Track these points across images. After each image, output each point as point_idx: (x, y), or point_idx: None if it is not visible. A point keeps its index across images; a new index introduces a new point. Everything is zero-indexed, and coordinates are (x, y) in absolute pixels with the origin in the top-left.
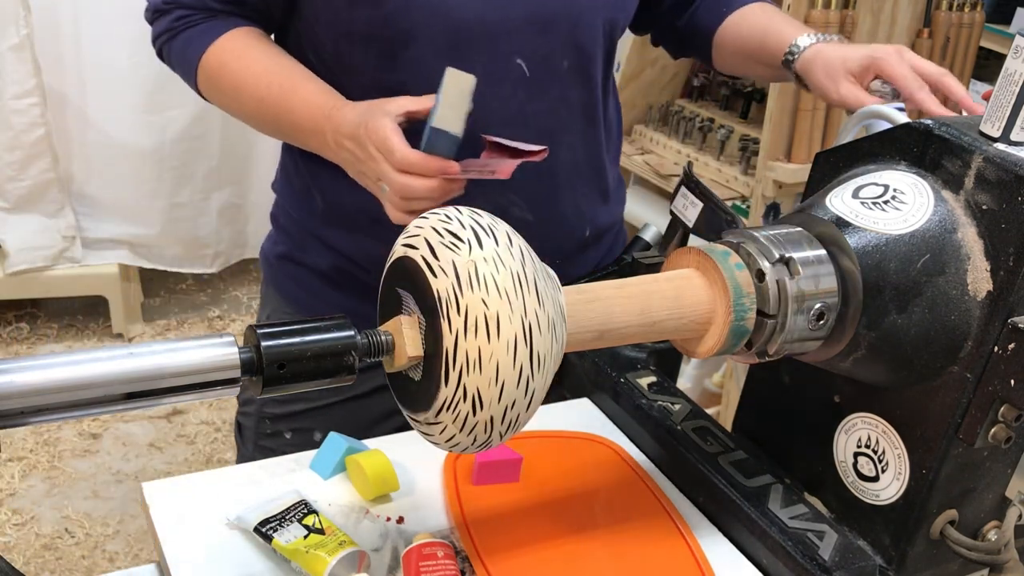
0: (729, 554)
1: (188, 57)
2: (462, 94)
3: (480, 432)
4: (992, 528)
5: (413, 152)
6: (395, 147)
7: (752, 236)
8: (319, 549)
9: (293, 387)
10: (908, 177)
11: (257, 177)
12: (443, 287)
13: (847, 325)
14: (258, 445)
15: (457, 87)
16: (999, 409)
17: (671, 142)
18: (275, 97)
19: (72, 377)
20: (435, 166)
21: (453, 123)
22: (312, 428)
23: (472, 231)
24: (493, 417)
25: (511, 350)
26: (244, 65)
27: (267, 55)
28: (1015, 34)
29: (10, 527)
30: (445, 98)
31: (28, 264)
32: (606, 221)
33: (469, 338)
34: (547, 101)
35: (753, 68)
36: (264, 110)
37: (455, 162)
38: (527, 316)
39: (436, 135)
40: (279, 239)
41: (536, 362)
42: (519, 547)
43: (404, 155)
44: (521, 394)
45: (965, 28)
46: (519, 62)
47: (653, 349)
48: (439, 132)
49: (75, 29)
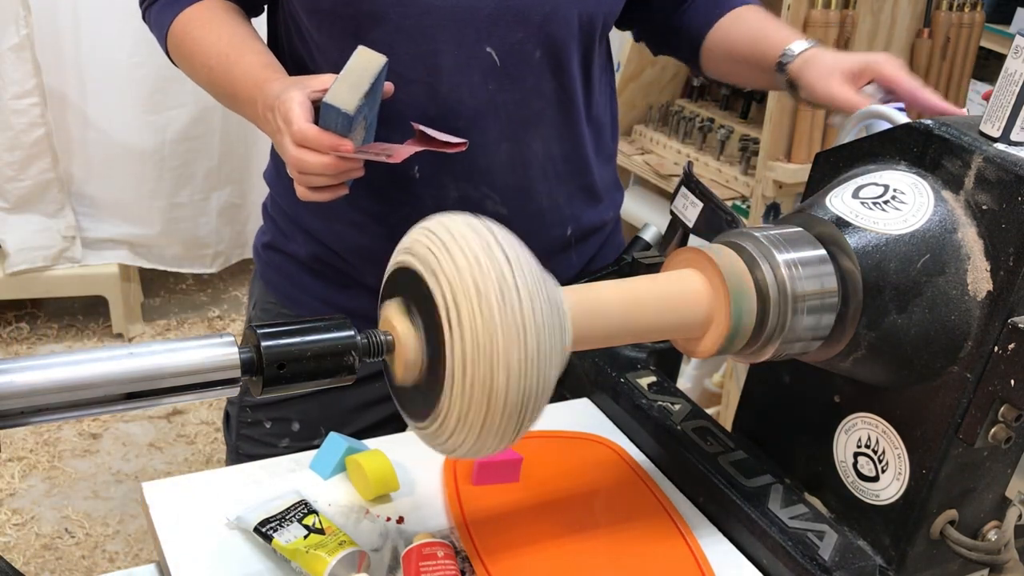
0: (729, 554)
1: (161, 23)
2: (365, 72)
3: (485, 439)
4: (992, 528)
5: (309, 126)
6: (294, 119)
7: (752, 236)
8: (319, 549)
9: (293, 387)
10: (908, 177)
11: (257, 177)
12: (443, 295)
13: (847, 325)
14: (240, 434)
15: (361, 66)
16: (999, 409)
17: (671, 142)
18: (222, 66)
19: (72, 377)
20: (327, 142)
21: (346, 100)
22: (289, 418)
23: (470, 236)
24: (497, 423)
25: (513, 355)
26: (203, 34)
27: (226, 26)
28: (1015, 34)
29: (10, 527)
30: (345, 75)
31: (28, 264)
32: (593, 221)
33: (469, 345)
34: (519, 91)
35: (742, 71)
36: (213, 78)
37: (348, 141)
38: (528, 321)
39: (326, 110)
40: (266, 228)
41: (539, 366)
42: (519, 547)
43: (300, 128)
44: (525, 398)
45: (965, 28)
46: (489, 50)
47: (653, 349)
48: (329, 107)
49: (75, 29)
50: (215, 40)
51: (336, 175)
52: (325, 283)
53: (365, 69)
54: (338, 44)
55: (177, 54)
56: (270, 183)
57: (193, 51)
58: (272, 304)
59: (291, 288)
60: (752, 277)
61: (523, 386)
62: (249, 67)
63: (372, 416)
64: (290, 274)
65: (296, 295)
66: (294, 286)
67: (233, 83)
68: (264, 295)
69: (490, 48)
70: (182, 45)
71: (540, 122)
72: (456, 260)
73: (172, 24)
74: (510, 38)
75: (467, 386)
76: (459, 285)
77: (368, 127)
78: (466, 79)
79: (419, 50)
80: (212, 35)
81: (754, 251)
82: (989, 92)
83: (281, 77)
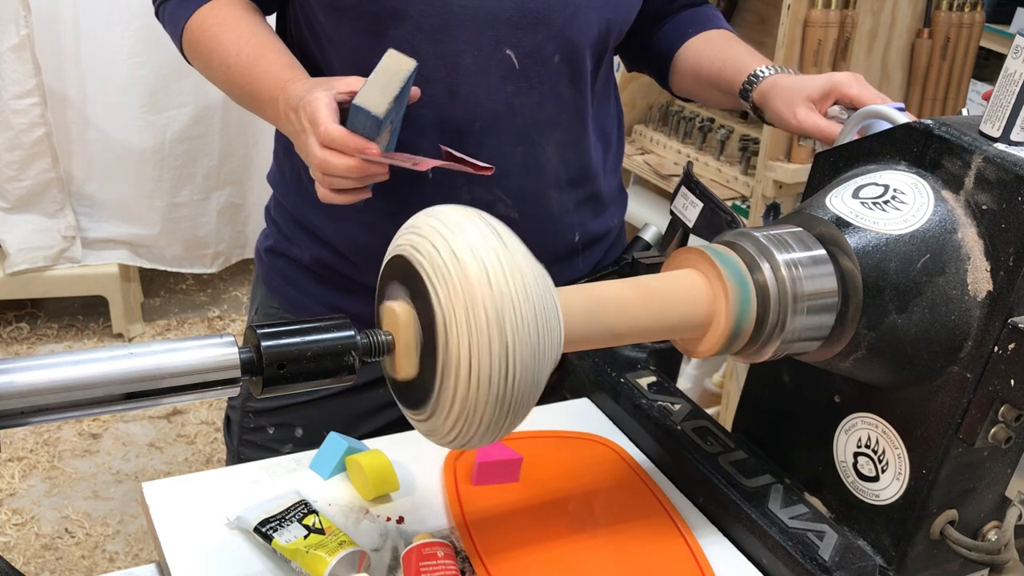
0: (729, 554)
1: (176, 19)
2: (395, 76)
3: (478, 429)
4: (992, 528)
5: (337, 128)
6: (321, 120)
7: (752, 236)
8: (319, 549)
9: (293, 387)
10: (908, 177)
11: (257, 177)
12: (439, 287)
13: (847, 325)
14: (243, 439)
15: (392, 69)
16: (999, 409)
17: (671, 142)
18: (241, 66)
19: (72, 377)
20: (353, 144)
21: (375, 103)
22: (293, 424)
23: (469, 230)
24: (489, 413)
25: (504, 348)
26: (221, 32)
27: (245, 24)
28: (1015, 34)
29: (10, 527)
30: (375, 77)
31: (28, 264)
32: (599, 230)
33: (463, 337)
34: (536, 95)
35: (708, 93)
36: (231, 77)
37: (375, 144)
38: (520, 315)
39: (356, 112)
40: (269, 232)
41: (531, 359)
42: (519, 547)
43: (327, 129)
44: (516, 391)
45: (965, 28)
46: (508, 53)
47: (653, 349)
48: (358, 109)
49: (75, 29)
50: (235, 39)
51: (361, 178)
52: (328, 287)
53: (396, 72)
54: (354, 41)
55: (193, 52)
56: (274, 185)
57: (212, 49)
58: (275, 309)
59: (294, 293)
60: (752, 277)
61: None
62: (270, 66)
63: (376, 422)
64: (293, 279)
65: (299, 299)
66: (297, 291)
67: (254, 83)
68: (267, 299)
69: (509, 50)
70: (199, 43)
71: (555, 127)
72: (455, 258)
73: (189, 21)
74: (529, 41)
75: (460, 378)
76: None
77: (394, 131)
78: (485, 81)
79: (439, 50)
80: (232, 33)
81: (754, 251)
82: (989, 92)
83: (304, 78)
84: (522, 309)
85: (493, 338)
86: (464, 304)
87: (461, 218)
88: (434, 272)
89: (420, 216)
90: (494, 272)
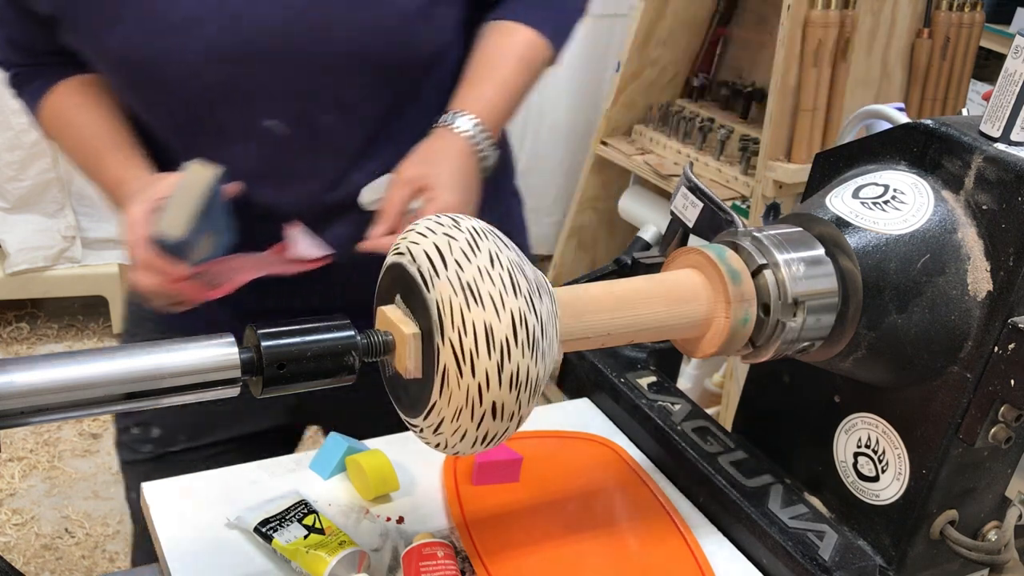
0: (729, 554)
1: (33, 116)
2: (192, 191)
3: (477, 435)
4: (992, 528)
5: (141, 250)
6: (129, 240)
7: (752, 236)
8: (319, 549)
9: (293, 387)
10: (908, 177)
11: None
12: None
13: (847, 325)
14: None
15: (189, 184)
16: (999, 409)
17: (671, 142)
18: (89, 169)
19: (72, 377)
20: (157, 266)
21: (174, 225)
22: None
23: (466, 239)
24: (488, 419)
25: (503, 352)
26: (61, 133)
27: (77, 120)
28: (1015, 34)
29: (10, 527)
30: (173, 197)
31: (28, 264)
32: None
33: (460, 342)
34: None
35: None
36: (82, 167)
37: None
38: (518, 319)
39: (158, 238)
40: None
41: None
42: (519, 547)
43: (133, 254)
44: (516, 395)
45: (965, 28)
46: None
47: (653, 349)
48: (160, 236)
49: None
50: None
51: (174, 298)
52: None
53: (193, 187)
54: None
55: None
56: None
57: (62, 148)
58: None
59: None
60: (752, 277)
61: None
62: (109, 169)
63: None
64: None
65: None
66: None
67: (102, 186)
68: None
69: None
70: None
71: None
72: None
73: (38, 119)
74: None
75: (458, 382)
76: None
77: (220, 233)
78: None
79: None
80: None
81: (754, 251)
82: (989, 92)
83: (135, 178)
84: (521, 310)
85: (492, 340)
86: (460, 306)
87: (456, 221)
88: (429, 276)
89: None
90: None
